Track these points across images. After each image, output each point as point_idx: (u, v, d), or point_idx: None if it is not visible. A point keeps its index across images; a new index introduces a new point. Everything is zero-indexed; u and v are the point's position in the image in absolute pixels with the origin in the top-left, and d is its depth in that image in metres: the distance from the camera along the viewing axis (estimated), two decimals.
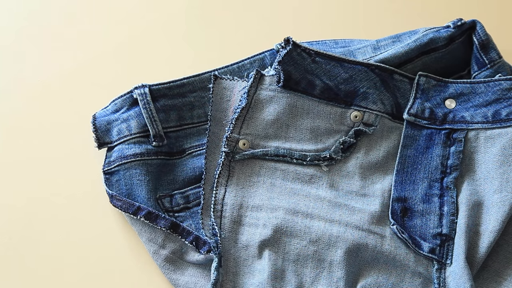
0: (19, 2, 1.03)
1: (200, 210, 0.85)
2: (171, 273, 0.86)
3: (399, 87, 0.89)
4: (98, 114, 0.91)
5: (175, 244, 0.86)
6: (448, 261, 0.83)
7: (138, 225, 0.87)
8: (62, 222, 0.91)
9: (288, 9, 1.02)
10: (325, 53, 0.87)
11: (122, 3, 1.03)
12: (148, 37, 1.01)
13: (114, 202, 0.87)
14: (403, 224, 0.84)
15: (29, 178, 0.93)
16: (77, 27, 1.01)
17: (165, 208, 0.89)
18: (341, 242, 0.83)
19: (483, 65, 0.91)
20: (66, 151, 0.94)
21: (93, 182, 0.91)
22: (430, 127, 0.88)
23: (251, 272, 0.83)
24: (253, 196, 0.85)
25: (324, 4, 1.02)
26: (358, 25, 1.01)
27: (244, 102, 0.87)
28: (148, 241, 0.86)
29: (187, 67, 0.97)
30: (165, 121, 0.90)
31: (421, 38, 0.91)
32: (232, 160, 0.86)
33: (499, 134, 0.85)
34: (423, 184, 0.86)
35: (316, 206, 0.85)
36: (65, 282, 0.88)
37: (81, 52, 1.00)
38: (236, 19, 1.02)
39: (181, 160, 0.91)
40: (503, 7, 1.01)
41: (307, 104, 0.88)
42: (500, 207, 0.83)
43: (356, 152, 0.88)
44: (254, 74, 0.87)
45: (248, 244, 0.84)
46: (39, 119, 0.96)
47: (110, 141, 0.90)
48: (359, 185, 0.87)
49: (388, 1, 1.02)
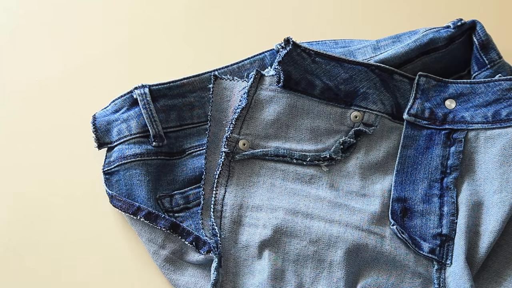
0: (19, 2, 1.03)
1: (200, 211, 0.85)
2: (171, 273, 0.86)
3: (399, 87, 0.89)
4: (98, 114, 0.91)
5: (175, 245, 0.86)
6: (448, 262, 0.83)
7: (138, 226, 0.87)
8: (62, 223, 0.91)
9: (288, 9, 1.02)
10: (325, 53, 0.87)
11: (122, 3, 1.03)
12: (148, 37, 1.01)
13: (114, 202, 0.87)
14: (403, 224, 0.84)
15: (29, 178, 0.93)
16: (77, 27, 1.01)
17: (165, 208, 0.88)
18: (341, 242, 0.83)
19: (483, 65, 0.91)
20: (66, 151, 0.94)
21: (93, 182, 0.91)
22: (430, 127, 0.88)
23: (251, 272, 0.83)
24: (253, 196, 0.85)
25: (324, 4, 1.02)
26: (358, 25, 1.01)
27: (244, 102, 0.87)
28: (148, 241, 0.86)
29: (187, 67, 0.97)
30: (165, 121, 0.90)
31: (421, 38, 0.91)
32: (232, 160, 0.86)
33: (499, 134, 0.85)
34: (423, 184, 0.86)
35: (316, 206, 0.85)
36: (65, 282, 0.88)
37: (80, 52, 1.00)
38: (236, 19, 1.02)
39: (181, 160, 0.91)
40: (503, 7, 1.01)
41: (307, 104, 0.88)
42: (500, 208, 0.82)
43: (356, 152, 0.88)
44: (254, 74, 0.87)
45: (248, 244, 0.84)
46: (39, 119, 0.96)
47: (110, 141, 0.90)
48: (359, 185, 0.87)
49: (388, 1, 1.02)
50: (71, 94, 0.97)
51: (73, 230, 0.90)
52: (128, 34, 1.01)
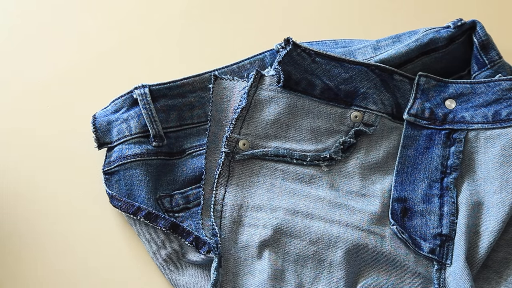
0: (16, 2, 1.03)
1: (200, 211, 0.85)
2: (171, 273, 0.86)
3: (399, 87, 0.89)
4: (98, 114, 0.91)
5: (175, 245, 0.86)
6: (448, 262, 0.83)
7: (138, 226, 0.87)
8: (61, 223, 0.90)
9: (288, 9, 1.02)
10: (325, 53, 0.87)
11: (122, 2, 1.03)
12: (148, 37, 1.00)
13: (114, 202, 0.87)
14: (403, 224, 0.84)
15: (29, 178, 0.93)
16: (77, 27, 1.01)
17: (165, 208, 0.88)
18: (341, 242, 0.83)
19: (483, 65, 0.91)
20: (66, 151, 0.94)
21: (93, 183, 0.91)
22: (430, 127, 0.88)
23: (251, 273, 0.83)
24: (253, 197, 0.85)
25: (324, 4, 1.02)
26: (358, 25, 1.01)
27: (244, 102, 0.87)
28: (148, 241, 0.86)
29: (187, 67, 0.97)
30: (165, 121, 0.90)
31: (421, 38, 0.91)
32: (232, 161, 0.86)
33: (499, 135, 0.85)
34: (423, 184, 0.86)
35: (316, 206, 0.85)
36: (65, 282, 0.88)
37: (80, 52, 1.00)
38: (236, 19, 1.02)
39: (181, 160, 0.91)
40: (503, 7, 1.01)
41: (307, 104, 0.88)
42: (500, 208, 0.82)
43: (356, 152, 0.88)
44: (254, 74, 0.87)
45: (248, 245, 0.84)
46: (39, 119, 0.96)
47: (110, 141, 0.90)
48: (359, 185, 0.87)
49: (388, 1, 1.02)
50: (71, 94, 0.97)
51: (73, 230, 0.90)
52: (128, 34, 1.01)
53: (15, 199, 0.92)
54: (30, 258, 0.89)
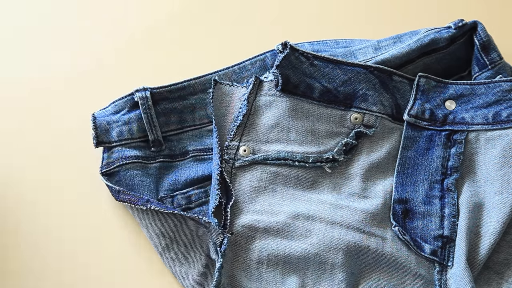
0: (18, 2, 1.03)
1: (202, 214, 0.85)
2: (182, 267, 0.84)
3: (398, 88, 0.89)
4: (97, 114, 0.90)
5: (185, 237, 0.85)
6: (450, 263, 0.83)
7: (147, 220, 0.86)
8: (61, 223, 0.91)
9: (289, 9, 1.02)
10: (323, 56, 0.87)
11: (123, 4, 1.03)
12: (149, 39, 1.01)
13: (122, 197, 0.86)
14: (404, 225, 0.84)
15: (29, 179, 0.93)
16: (77, 27, 1.01)
17: None
18: (343, 244, 0.83)
19: (484, 66, 0.90)
20: (66, 151, 0.94)
21: (93, 183, 0.91)
22: (430, 128, 0.87)
23: (251, 276, 0.83)
24: (254, 202, 0.85)
25: (325, 4, 1.02)
26: (359, 25, 1.00)
27: (245, 110, 0.87)
28: (158, 235, 0.85)
29: (187, 69, 0.97)
30: (166, 124, 0.90)
31: (422, 39, 0.90)
32: (233, 167, 0.86)
33: (500, 136, 0.85)
34: (423, 185, 0.86)
35: (317, 209, 0.85)
36: (65, 282, 0.88)
37: (80, 52, 1.00)
38: (237, 20, 1.01)
39: (183, 162, 0.91)
40: (505, 8, 1.00)
41: (307, 107, 0.88)
42: (501, 209, 0.82)
43: (357, 154, 0.88)
44: (253, 80, 0.87)
45: (249, 248, 0.84)
46: (39, 119, 0.96)
47: (109, 141, 0.89)
48: (361, 186, 0.87)
49: (389, 2, 1.02)
50: (71, 95, 0.97)
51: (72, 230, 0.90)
52: (129, 36, 1.01)
53: (15, 199, 0.92)
54: (29, 258, 0.90)
